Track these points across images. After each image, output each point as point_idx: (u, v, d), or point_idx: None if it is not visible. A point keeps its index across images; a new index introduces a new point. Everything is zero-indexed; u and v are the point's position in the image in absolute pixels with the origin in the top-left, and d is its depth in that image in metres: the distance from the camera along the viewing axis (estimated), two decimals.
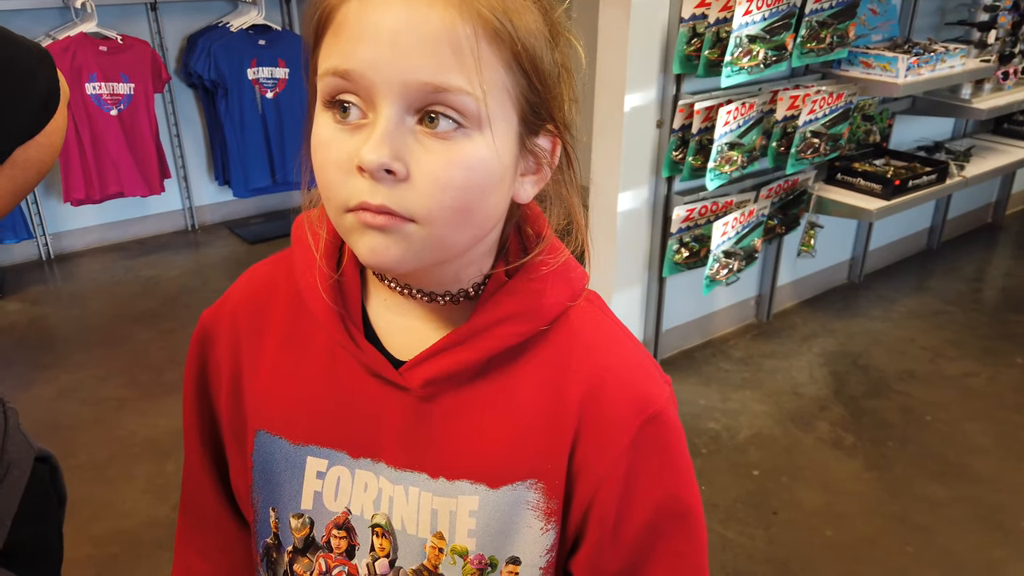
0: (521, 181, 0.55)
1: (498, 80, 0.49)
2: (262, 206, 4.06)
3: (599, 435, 0.58)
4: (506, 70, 0.49)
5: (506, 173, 0.52)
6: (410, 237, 0.50)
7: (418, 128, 0.49)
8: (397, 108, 0.48)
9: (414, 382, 0.58)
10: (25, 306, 3.18)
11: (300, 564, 0.65)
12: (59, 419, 2.45)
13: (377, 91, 0.48)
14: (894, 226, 3.41)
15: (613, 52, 2.30)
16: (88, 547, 1.94)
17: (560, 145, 0.56)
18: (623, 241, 2.51)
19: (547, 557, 0.60)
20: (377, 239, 0.50)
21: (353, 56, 0.48)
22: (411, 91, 0.47)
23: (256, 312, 0.65)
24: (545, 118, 0.53)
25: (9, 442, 0.70)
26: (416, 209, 0.49)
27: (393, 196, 0.49)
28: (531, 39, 0.50)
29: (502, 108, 0.50)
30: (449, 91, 0.47)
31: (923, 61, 2.56)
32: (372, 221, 0.49)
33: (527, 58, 0.50)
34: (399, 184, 0.49)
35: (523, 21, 0.50)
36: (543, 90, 0.52)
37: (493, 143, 0.50)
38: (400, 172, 0.48)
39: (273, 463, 0.63)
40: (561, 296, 0.59)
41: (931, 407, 2.55)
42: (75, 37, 3.21)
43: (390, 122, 0.48)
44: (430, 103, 0.48)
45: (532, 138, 0.54)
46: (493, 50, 0.48)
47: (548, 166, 0.56)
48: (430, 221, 0.50)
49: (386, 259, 0.51)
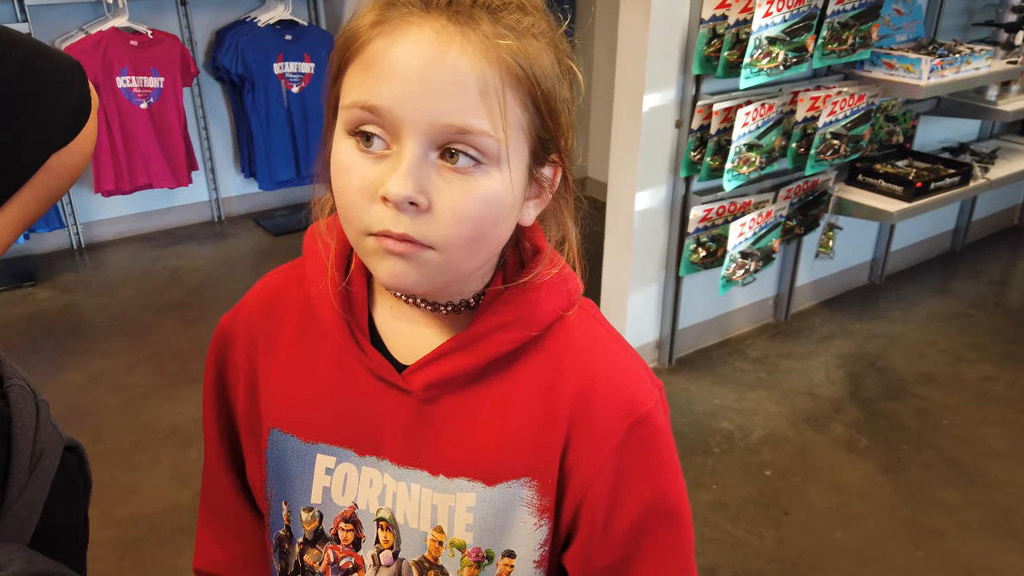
0: (526, 205, 0.59)
1: (516, 120, 0.52)
2: (287, 198, 4.12)
3: (589, 437, 0.61)
4: (523, 110, 0.53)
5: (516, 203, 0.56)
6: (428, 263, 0.53)
7: (439, 162, 0.52)
8: (422, 144, 0.51)
9: (416, 385, 0.62)
10: (56, 294, 3.27)
11: (310, 555, 0.68)
12: (87, 405, 2.52)
13: (403, 128, 0.51)
14: (917, 227, 3.39)
15: (633, 52, 2.31)
16: (113, 530, 2.01)
17: (561, 171, 0.60)
18: (640, 240, 2.53)
19: (541, 551, 0.63)
20: (397, 264, 0.53)
21: (381, 93, 0.51)
22: (436, 130, 0.50)
23: (270, 317, 0.69)
24: (551, 150, 0.57)
25: (41, 433, 0.74)
26: (435, 238, 0.52)
27: (415, 226, 0.52)
28: (547, 81, 0.53)
29: (517, 145, 0.53)
30: (473, 133, 0.50)
31: (947, 63, 2.54)
32: (394, 248, 0.52)
33: (543, 99, 0.53)
34: (421, 215, 0.52)
35: (540, 64, 0.52)
36: (553, 127, 0.55)
37: (509, 179, 0.53)
38: (423, 204, 0.51)
39: (285, 459, 0.67)
40: (555, 305, 0.62)
41: (948, 411, 2.54)
42: (107, 32, 3.28)
43: (415, 157, 0.51)
44: (452, 141, 0.51)
45: (539, 168, 0.57)
46: (514, 93, 0.51)
47: (549, 190, 0.60)
48: (447, 248, 0.53)
49: (405, 283, 0.54)
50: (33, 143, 0.71)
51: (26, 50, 0.69)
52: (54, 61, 0.72)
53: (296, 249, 0.68)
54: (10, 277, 3.31)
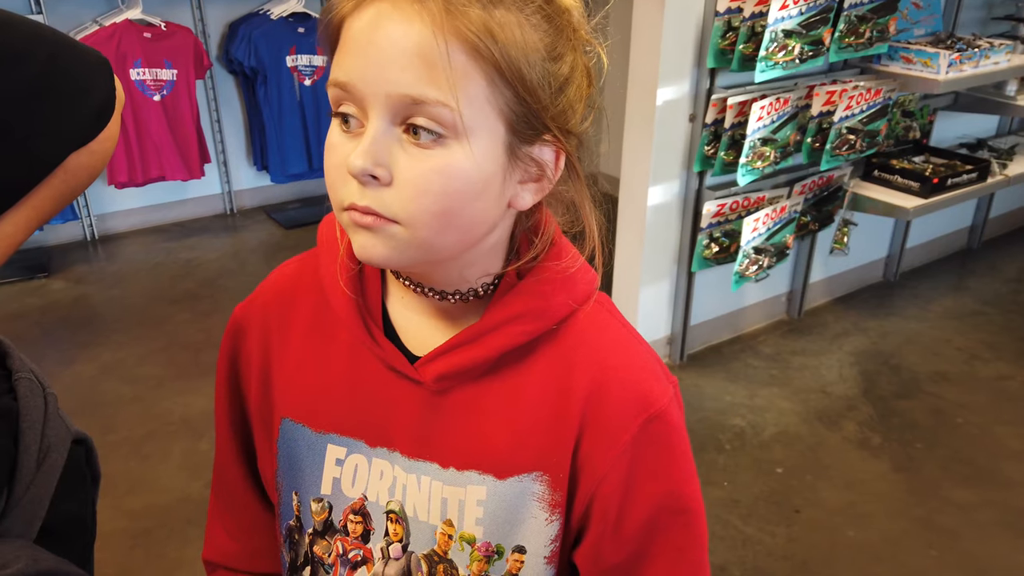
0: (519, 188, 0.57)
1: (479, 93, 0.51)
2: (299, 191, 4.13)
3: (601, 432, 0.60)
4: (488, 83, 0.51)
5: (491, 181, 0.54)
6: (395, 237, 0.53)
7: (404, 137, 0.52)
8: (383, 118, 0.52)
9: (428, 376, 0.61)
10: (69, 285, 3.29)
11: (319, 546, 0.68)
12: (99, 396, 2.53)
13: (367, 102, 0.52)
14: (933, 224, 3.35)
15: (646, 45, 2.29)
16: (123, 520, 2.02)
17: (564, 155, 0.57)
18: (652, 235, 2.51)
19: (551, 547, 0.62)
20: (366, 237, 0.54)
21: (348, 69, 0.52)
22: (394, 102, 0.51)
23: (284, 307, 0.69)
24: (539, 128, 0.55)
25: (48, 427, 0.74)
26: (398, 211, 0.53)
27: (377, 199, 0.52)
28: (516, 52, 0.51)
29: (484, 119, 0.52)
30: (426, 103, 0.50)
31: (965, 57, 2.51)
32: (360, 220, 0.53)
33: (510, 72, 0.51)
34: (383, 188, 0.52)
35: (510, 36, 0.51)
36: (532, 101, 0.53)
37: (472, 153, 0.52)
38: (383, 177, 0.52)
39: (296, 450, 0.67)
40: (569, 298, 0.61)
41: (962, 409, 2.51)
42: (121, 24, 3.29)
43: (376, 131, 0.52)
44: (411, 114, 0.51)
45: (526, 147, 0.55)
46: (472, 64, 0.51)
47: (551, 175, 0.58)
48: (412, 223, 0.53)
49: (374, 255, 0.54)
50: (53, 141, 0.70)
51: (53, 46, 0.69)
52: (81, 57, 0.72)
53: (308, 242, 0.68)
54: (24, 268, 3.33)
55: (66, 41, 0.71)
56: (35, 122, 0.68)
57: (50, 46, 0.69)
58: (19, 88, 0.66)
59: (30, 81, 0.66)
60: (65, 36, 0.71)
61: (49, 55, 0.68)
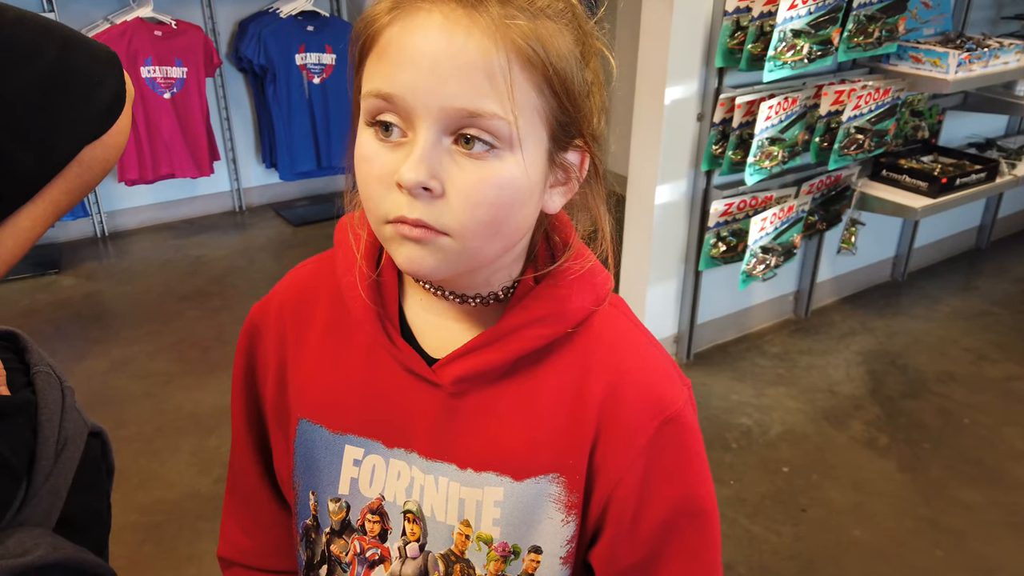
0: (550, 192, 0.58)
1: (529, 103, 0.52)
2: (307, 189, 4.14)
3: (618, 435, 0.61)
4: (537, 93, 0.52)
5: (535, 188, 0.55)
6: (444, 249, 0.53)
7: (454, 148, 0.52)
8: (435, 130, 0.51)
9: (446, 379, 0.62)
10: (80, 281, 3.31)
11: (336, 545, 0.69)
12: (110, 392, 2.55)
13: (416, 114, 0.51)
14: (942, 224, 3.35)
15: (655, 44, 2.30)
16: (134, 514, 2.03)
17: (588, 158, 0.59)
18: (660, 233, 2.52)
19: (567, 548, 0.63)
20: (414, 250, 0.54)
21: (395, 80, 0.51)
22: (448, 115, 0.51)
23: (301, 308, 0.69)
24: (574, 135, 0.56)
25: (66, 420, 0.75)
26: (450, 223, 0.52)
27: (429, 211, 0.52)
28: (562, 63, 0.52)
29: (533, 128, 0.53)
30: (483, 116, 0.50)
31: (975, 57, 2.51)
32: (409, 233, 0.53)
33: (558, 81, 0.52)
34: (435, 200, 0.52)
35: (555, 45, 0.52)
36: (572, 109, 0.54)
37: (523, 163, 0.53)
38: (436, 190, 0.52)
39: (314, 450, 0.68)
40: (586, 301, 0.62)
41: (970, 410, 2.51)
42: (131, 22, 3.30)
43: (428, 143, 0.51)
44: (465, 126, 0.51)
45: (561, 153, 0.57)
46: (525, 75, 0.51)
47: (576, 178, 0.59)
48: (463, 235, 0.53)
49: (422, 268, 0.54)
50: (66, 135, 0.71)
51: (62, 40, 0.70)
52: (90, 52, 0.73)
53: (316, 239, 0.68)
54: (35, 264, 3.35)
55: (76, 36, 0.72)
56: (49, 116, 0.69)
57: (60, 41, 0.69)
58: (32, 83, 0.67)
59: (43, 75, 0.67)
60: (74, 31, 0.72)
61: (60, 50, 0.69)
